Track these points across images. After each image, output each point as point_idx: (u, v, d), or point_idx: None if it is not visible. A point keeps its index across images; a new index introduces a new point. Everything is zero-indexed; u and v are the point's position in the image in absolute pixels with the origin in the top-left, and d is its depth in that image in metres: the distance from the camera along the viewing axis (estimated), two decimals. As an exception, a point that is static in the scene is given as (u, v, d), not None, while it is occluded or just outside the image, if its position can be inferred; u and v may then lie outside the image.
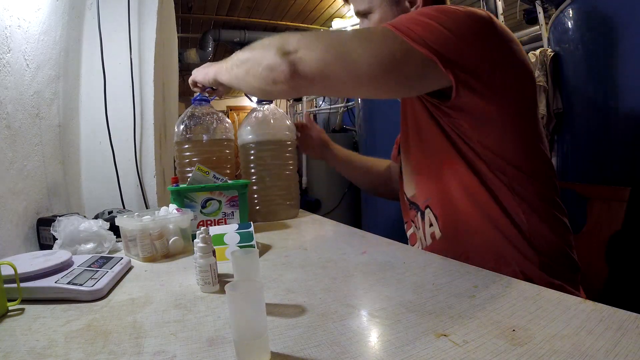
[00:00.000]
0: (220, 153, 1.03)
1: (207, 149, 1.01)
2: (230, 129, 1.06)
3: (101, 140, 1.13)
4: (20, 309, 0.47)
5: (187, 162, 1.02)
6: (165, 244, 0.70)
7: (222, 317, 0.43)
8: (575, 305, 0.40)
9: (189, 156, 1.01)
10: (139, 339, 0.38)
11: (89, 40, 1.14)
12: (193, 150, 1.01)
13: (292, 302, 0.46)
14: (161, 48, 1.29)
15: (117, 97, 1.14)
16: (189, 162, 1.01)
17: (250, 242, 0.66)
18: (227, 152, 1.05)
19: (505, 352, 0.32)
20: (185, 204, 0.82)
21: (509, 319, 0.38)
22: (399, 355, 0.33)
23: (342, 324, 0.39)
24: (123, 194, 1.12)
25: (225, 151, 1.04)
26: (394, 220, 2.13)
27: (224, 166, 1.04)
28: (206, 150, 1.01)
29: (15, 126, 0.78)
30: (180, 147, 1.03)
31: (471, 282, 0.48)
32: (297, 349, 0.35)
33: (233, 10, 3.83)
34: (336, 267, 0.59)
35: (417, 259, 0.60)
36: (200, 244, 0.52)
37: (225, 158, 1.04)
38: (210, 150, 1.01)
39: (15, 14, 0.80)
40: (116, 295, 0.51)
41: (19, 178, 0.78)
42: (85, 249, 0.71)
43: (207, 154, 1.01)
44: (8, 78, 0.76)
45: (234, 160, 1.06)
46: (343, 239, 0.77)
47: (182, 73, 2.22)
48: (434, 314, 0.40)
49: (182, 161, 1.03)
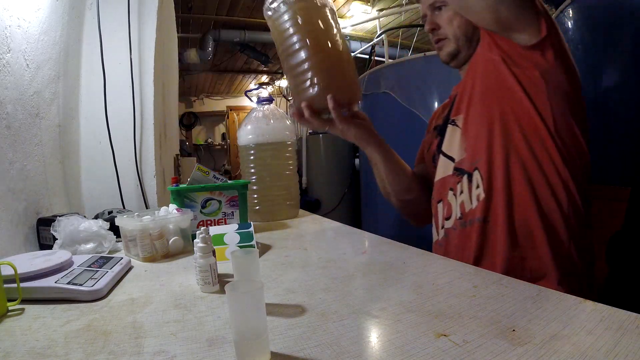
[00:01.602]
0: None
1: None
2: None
3: (101, 140, 1.13)
4: (20, 309, 0.47)
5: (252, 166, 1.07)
6: (165, 244, 0.70)
7: (222, 317, 0.43)
8: (575, 305, 0.40)
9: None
10: (139, 339, 0.38)
11: (89, 40, 1.14)
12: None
13: (292, 302, 0.46)
14: (161, 48, 1.29)
15: (117, 97, 1.14)
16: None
17: (250, 242, 0.66)
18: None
19: (505, 352, 0.32)
20: (185, 204, 0.82)
21: (509, 319, 0.38)
22: (399, 355, 0.33)
23: (342, 324, 0.39)
24: (123, 194, 1.12)
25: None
26: (394, 220, 2.13)
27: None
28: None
29: (15, 126, 0.78)
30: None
31: (471, 282, 0.48)
32: (297, 349, 0.35)
33: (233, 10, 3.83)
34: (336, 267, 0.59)
35: (417, 259, 0.60)
36: (200, 244, 0.52)
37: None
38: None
39: (15, 14, 0.80)
40: (116, 295, 0.51)
41: (19, 178, 0.78)
42: (85, 249, 0.71)
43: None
44: (8, 78, 0.76)
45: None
46: (343, 239, 0.77)
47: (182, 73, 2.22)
48: (434, 314, 0.40)
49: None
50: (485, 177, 0.69)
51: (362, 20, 3.50)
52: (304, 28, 0.72)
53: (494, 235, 0.67)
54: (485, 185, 0.69)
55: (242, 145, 1.08)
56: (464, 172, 0.74)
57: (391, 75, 2.17)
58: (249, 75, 6.00)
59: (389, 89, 2.12)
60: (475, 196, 0.71)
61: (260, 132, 1.05)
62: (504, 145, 0.67)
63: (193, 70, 4.86)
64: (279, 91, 6.12)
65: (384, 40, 2.78)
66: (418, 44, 3.71)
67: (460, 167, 0.75)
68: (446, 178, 0.78)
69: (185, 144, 5.90)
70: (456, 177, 0.76)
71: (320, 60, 0.71)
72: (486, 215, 0.68)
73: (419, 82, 1.98)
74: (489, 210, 0.68)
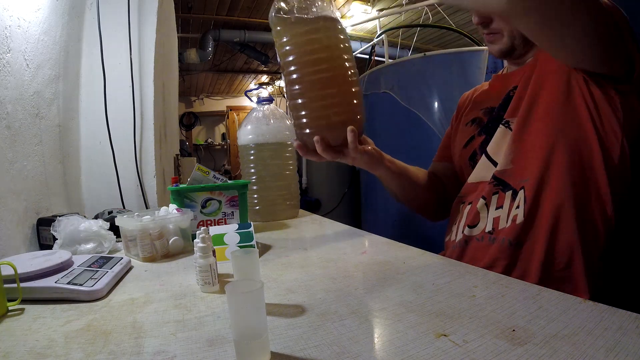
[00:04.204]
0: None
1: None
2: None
3: (101, 140, 1.13)
4: (20, 309, 0.47)
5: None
6: (165, 244, 0.70)
7: (222, 317, 0.43)
8: (575, 305, 0.40)
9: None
10: (139, 339, 0.38)
11: (89, 40, 1.14)
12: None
13: (292, 302, 0.46)
14: (161, 48, 1.29)
15: (117, 97, 1.14)
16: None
17: (250, 242, 0.66)
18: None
19: (505, 352, 0.32)
20: (185, 204, 0.82)
21: (509, 319, 0.38)
22: (399, 355, 0.33)
23: (342, 324, 0.39)
24: (123, 194, 1.12)
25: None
26: (394, 220, 2.13)
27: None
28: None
29: (15, 126, 0.78)
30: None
31: (471, 282, 0.48)
32: (297, 349, 0.35)
33: (233, 10, 3.83)
34: (336, 267, 0.59)
35: (417, 259, 0.60)
36: (200, 244, 0.52)
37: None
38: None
39: (15, 14, 0.80)
40: (116, 295, 0.51)
41: (19, 178, 0.78)
42: (85, 249, 0.71)
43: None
44: (8, 78, 0.76)
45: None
46: (343, 239, 0.77)
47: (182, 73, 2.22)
48: (434, 314, 0.40)
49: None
50: (529, 201, 0.64)
51: (362, 20, 3.50)
52: (320, 59, 0.66)
53: (524, 262, 0.64)
54: (527, 209, 0.64)
55: (242, 145, 1.08)
56: (508, 186, 0.69)
57: (391, 75, 2.17)
58: (249, 75, 6.00)
59: (389, 89, 2.12)
60: (512, 216, 0.66)
61: (260, 132, 1.05)
62: (561, 176, 0.63)
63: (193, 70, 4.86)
64: (279, 91, 6.12)
65: (384, 40, 2.78)
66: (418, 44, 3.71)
67: (502, 179, 0.70)
68: (482, 184, 0.74)
69: (185, 144, 5.90)
70: (494, 187, 0.71)
71: (340, 94, 0.67)
72: (521, 240, 0.64)
73: (419, 82, 1.98)
74: (525, 236, 0.64)
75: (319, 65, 0.67)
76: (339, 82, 0.68)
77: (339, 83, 0.68)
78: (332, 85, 0.67)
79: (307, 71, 0.68)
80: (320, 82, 0.67)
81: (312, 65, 0.67)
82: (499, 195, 0.70)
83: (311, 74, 0.67)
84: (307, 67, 0.67)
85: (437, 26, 3.20)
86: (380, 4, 3.56)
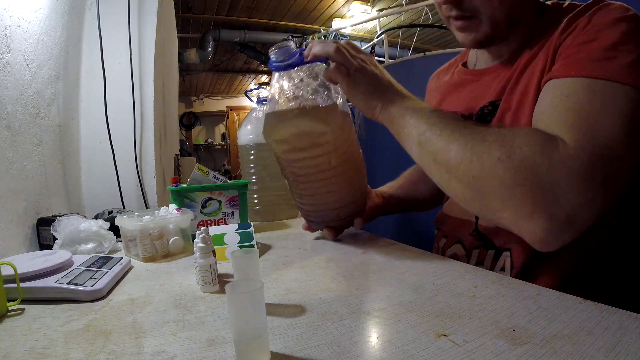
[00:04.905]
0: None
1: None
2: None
3: (101, 140, 1.13)
4: (20, 309, 0.47)
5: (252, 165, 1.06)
6: (165, 244, 0.70)
7: (222, 317, 0.43)
8: (575, 305, 0.40)
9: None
10: (139, 339, 0.38)
11: (89, 40, 1.14)
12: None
13: (292, 302, 0.46)
14: (161, 48, 1.29)
15: (117, 97, 1.14)
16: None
17: (250, 242, 0.66)
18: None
19: (505, 352, 0.32)
20: (185, 204, 0.82)
21: (509, 319, 0.38)
22: (399, 355, 0.33)
23: (342, 324, 0.39)
24: (123, 194, 1.12)
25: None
26: (394, 220, 2.13)
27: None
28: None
29: (15, 126, 0.78)
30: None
31: (471, 282, 0.48)
32: (297, 349, 0.35)
33: (233, 10, 3.83)
34: (336, 267, 0.59)
35: (417, 259, 0.60)
36: (200, 244, 0.52)
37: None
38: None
39: (15, 14, 0.80)
40: (116, 295, 0.51)
41: (19, 178, 0.78)
42: (85, 249, 0.71)
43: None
44: (8, 78, 0.76)
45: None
46: (343, 238, 0.77)
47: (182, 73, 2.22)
48: (434, 314, 0.40)
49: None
50: (517, 268, 0.56)
51: (362, 20, 3.50)
52: (319, 164, 0.63)
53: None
54: (514, 274, 0.56)
55: (242, 145, 1.08)
56: (491, 245, 0.59)
57: (391, 75, 2.17)
58: (249, 75, 6.00)
59: (389, 88, 2.12)
60: (497, 270, 0.58)
61: (260, 132, 1.04)
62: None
63: (193, 70, 4.86)
64: (279, 91, 6.11)
65: (384, 40, 2.78)
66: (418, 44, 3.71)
67: (484, 234, 0.60)
68: (463, 227, 0.64)
69: (185, 144, 5.90)
70: (476, 241, 0.62)
71: (345, 196, 0.68)
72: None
73: (419, 82, 1.98)
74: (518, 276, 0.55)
75: (319, 167, 0.63)
76: (341, 185, 0.67)
77: (341, 187, 0.67)
78: (337, 188, 0.66)
79: (306, 172, 0.65)
80: (324, 185, 0.65)
81: (312, 167, 0.64)
82: (480, 251, 0.61)
83: (311, 176, 0.65)
84: (307, 169, 0.65)
85: (437, 26, 3.20)
86: (380, 4, 3.56)
